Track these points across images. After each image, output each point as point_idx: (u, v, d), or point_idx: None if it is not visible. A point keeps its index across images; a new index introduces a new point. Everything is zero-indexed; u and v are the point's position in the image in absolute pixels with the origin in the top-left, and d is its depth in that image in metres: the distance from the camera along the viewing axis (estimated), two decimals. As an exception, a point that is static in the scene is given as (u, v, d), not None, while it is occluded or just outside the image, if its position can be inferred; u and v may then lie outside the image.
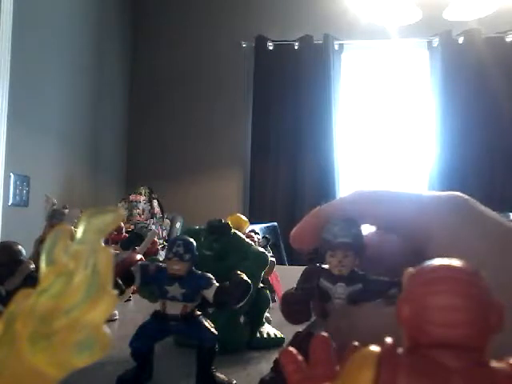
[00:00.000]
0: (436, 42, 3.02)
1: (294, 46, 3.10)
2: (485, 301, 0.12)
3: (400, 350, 0.13)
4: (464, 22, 2.68)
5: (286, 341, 0.51)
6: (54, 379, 0.14)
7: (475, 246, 0.24)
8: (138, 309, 0.73)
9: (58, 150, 2.31)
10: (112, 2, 2.98)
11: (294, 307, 0.30)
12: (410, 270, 0.14)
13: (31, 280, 0.37)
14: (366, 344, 0.14)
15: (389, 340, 0.13)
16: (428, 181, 2.96)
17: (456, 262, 0.13)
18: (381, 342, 0.13)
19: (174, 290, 0.40)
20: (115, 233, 0.83)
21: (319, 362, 0.15)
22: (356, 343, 0.15)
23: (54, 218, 0.72)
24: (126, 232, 0.91)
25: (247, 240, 0.56)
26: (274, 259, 0.66)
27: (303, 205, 2.94)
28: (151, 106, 3.21)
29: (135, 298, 0.74)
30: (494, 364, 0.12)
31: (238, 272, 0.43)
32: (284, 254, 2.34)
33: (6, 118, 1.86)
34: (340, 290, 0.28)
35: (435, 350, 0.12)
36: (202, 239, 0.52)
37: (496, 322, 0.12)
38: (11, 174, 1.93)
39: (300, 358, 0.16)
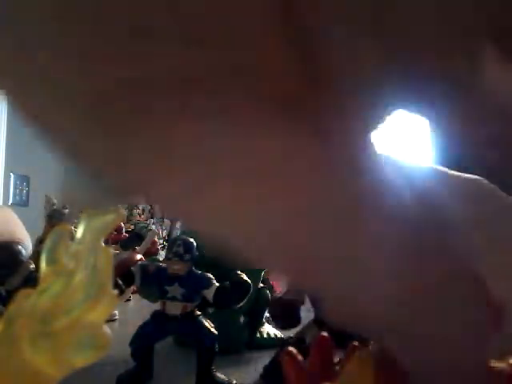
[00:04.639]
0: (436, 42, 3.02)
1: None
2: None
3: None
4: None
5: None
6: (54, 379, 0.14)
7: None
8: (138, 309, 0.73)
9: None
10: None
11: (282, 313, 0.30)
12: None
13: (31, 280, 0.37)
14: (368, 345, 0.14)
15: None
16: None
17: None
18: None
19: (174, 290, 0.40)
20: (115, 233, 0.83)
21: (319, 361, 0.15)
22: (356, 343, 0.15)
23: (54, 217, 0.72)
24: (126, 232, 0.91)
25: (247, 240, 0.56)
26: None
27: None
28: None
29: (135, 297, 0.74)
30: (495, 364, 0.12)
31: (238, 272, 0.43)
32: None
33: (5, 118, 1.86)
34: None
35: None
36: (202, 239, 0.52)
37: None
38: (11, 173, 1.93)
39: (300, 357, 0.16)
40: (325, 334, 0.16)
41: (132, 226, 1.37)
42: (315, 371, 0.15)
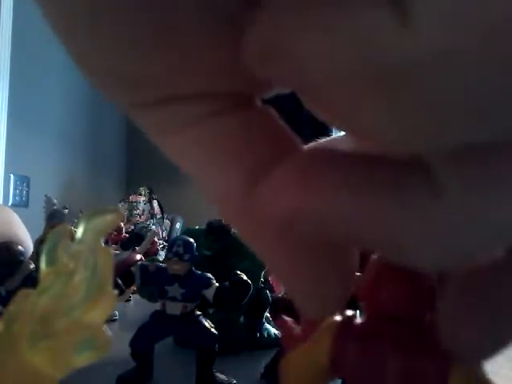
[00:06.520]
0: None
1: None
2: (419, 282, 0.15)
3: (356, 321, 0.16)
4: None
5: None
6: (54, 379, 0.14)
7: None
8: (138, 309, 0.73)
9: (58, 151, 2.31)
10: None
11: (283, 313, 0.30)
12: (373, 257, 0.16)
13: (31, 280, 0.37)
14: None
15: (349, 312, 0.16)
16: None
17: None
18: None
19: (174, 290, 0.40)
20: (115, 233, 0.83)
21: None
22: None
23: (54, 218, 0.72)
24: (126, 232, 0.91)
25: (247, 240, 0.56)
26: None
27: (303, 205, 2.93)
28: (151, 106, 3.20)
29: (135, 298, 0.74)
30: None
31: (238, 272, 0.43)
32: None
33: (6, 119, 1.86)
34: None
35: (381, 320, 0.15)
36: (202, 239, 0.52)
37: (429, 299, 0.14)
38: (11, 174, 1.93)
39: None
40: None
41: (132, 227, 1.37)
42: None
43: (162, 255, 0.90)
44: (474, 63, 0.07)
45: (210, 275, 0.41)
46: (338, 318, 0.16)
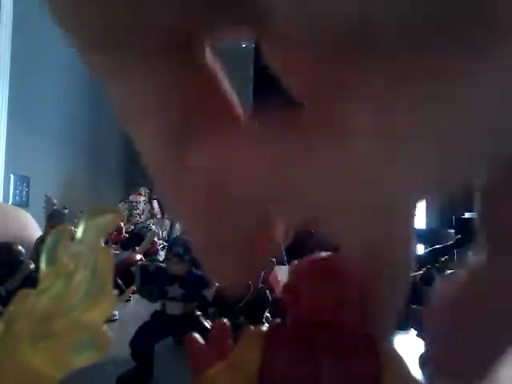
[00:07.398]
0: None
1: (293, 46, 3.10)
2: (341, 291, 0.15)
3: (285, 328, 0.15)
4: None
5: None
6: (54, 379, 0.14)
7: None
8: (138, 309, 0.73)
9: (58, 151, 2.31)
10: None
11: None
12: (295, 262, 0.16)
13: (31, 280, 0.37)
14: None
15: (276, 320, 0.16)
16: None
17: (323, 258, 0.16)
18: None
19: (174, 290, 0.40)
20: (115, 233, 0.83)
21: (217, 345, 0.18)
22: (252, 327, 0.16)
23: (54, 218, 0.72)
24: (126, 232, 0.91)
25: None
26: (273, 259, 0.66)
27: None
28: (151, 106, 3.20)
29: (135, 298, 0.74)
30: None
31: (238, 272, 0.43)
32: (284, 253, 2.34)
33: (6, 119, 1.86)
34: None
35: (310, 326, 0.15)
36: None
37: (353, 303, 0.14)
38: (11, 174, 1.93)
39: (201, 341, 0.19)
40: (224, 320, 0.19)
41: (132, 227, 1.37)
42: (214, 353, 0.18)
43: (161, 255, 0.89)
44: None
45: (209, 275, 0.41)
46: (263, 327, 0.16)
